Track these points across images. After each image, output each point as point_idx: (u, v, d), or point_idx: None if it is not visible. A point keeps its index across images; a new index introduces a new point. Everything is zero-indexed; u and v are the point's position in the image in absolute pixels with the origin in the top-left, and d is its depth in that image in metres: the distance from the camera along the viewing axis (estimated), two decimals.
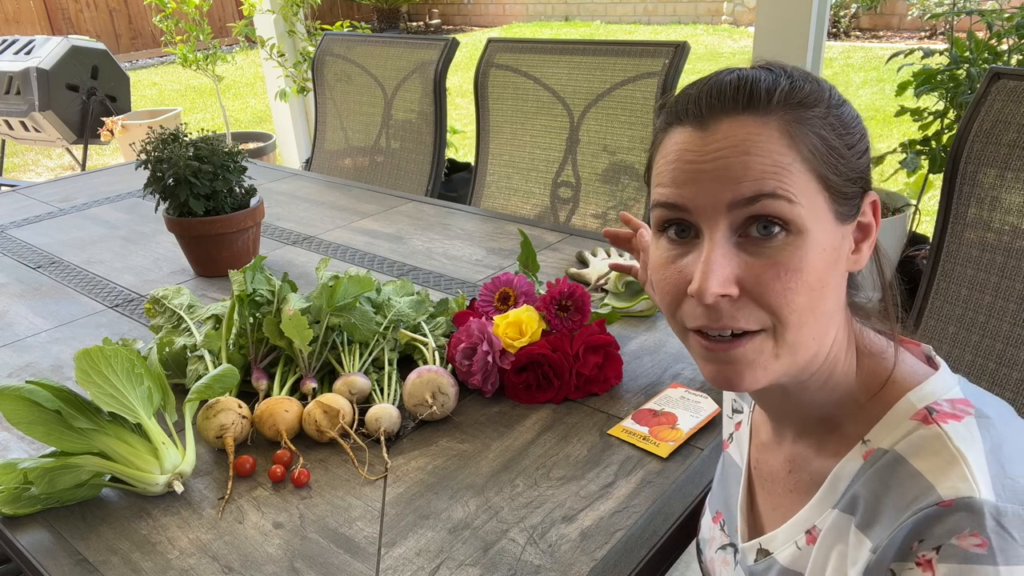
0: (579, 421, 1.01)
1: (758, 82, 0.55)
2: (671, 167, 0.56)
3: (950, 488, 0.49)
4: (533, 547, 0.80)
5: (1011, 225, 1.21)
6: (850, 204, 0.56)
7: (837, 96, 0.57)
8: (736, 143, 0.53)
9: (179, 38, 3.95)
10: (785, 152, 0.53)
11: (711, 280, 0.53)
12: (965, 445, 0.51)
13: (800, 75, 0.56)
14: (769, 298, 0.53)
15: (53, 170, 5.51)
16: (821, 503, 0.59)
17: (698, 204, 0.54)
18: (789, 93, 0.54)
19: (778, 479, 0.68)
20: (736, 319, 0.54)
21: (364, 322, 1.11)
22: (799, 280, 0.53)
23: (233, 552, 0.82)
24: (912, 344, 0.63)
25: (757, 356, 0.55)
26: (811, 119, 0.54)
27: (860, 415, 0.59)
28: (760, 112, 0.54)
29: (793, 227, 0.53)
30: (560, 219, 2.03)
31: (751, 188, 0.52)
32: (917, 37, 7.61)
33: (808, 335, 0.55)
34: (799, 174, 0.53)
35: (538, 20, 10.38)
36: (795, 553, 0.61)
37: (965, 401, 0.55)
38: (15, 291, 1.52)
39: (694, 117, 0.55)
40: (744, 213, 0.53)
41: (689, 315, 0.57)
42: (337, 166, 2.56)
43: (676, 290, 0.57)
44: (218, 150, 1.45)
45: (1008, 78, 1.22)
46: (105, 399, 0.88)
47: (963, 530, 0.47)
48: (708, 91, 0.56)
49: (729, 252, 0.54)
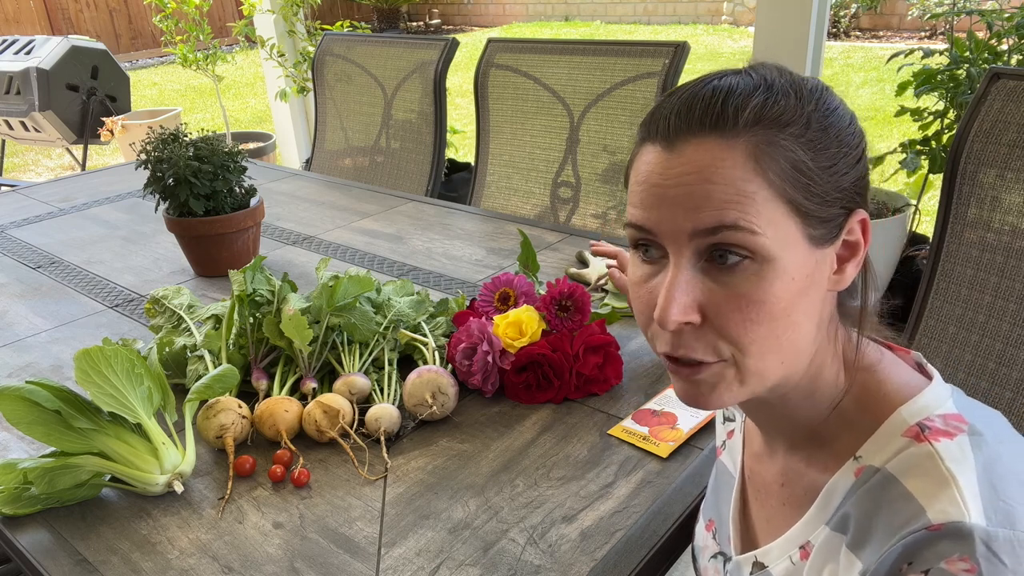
0: (579, 421, 1.01)
1: (729, 99, 0.52)
2: (640, 188, 0.55)
3: (940, 512, 0.48)
4: (533, 547, 0.80)
5: (1011, 225, 1.21)
6: (828, 226, 0.54)
7: (824, 106, 0.54)
8: (700, 168, 0.51)
9: (179, 38, 3.95)
10: (750, 179, 0.51)
11: (672, 308, 0.52)
12: (956, 465, 0.50)
13: (781, 87, 0.53)
14: (729, 329, 0.53)
15: (53, 170, 5.51)
16: (814, 519, 0.59)
17: (663, 229, 0.53)
18: (760, 112, 0.51)
19: (771, 491, 0.67)
20: (695, 350, 0.54)
21: (364, 322, 1.11)
22: (760, 311, 0.52)
23: (233, 552, 0.82)
24: (902, 351, 0.62)
25: (719, 381, 0.55)
26: (782, 140, 0.51)
27: (851, 429, 0.58)
28: (728, 135, 0.51)
29: (758, 256, 0.51)
30: (560, 219, 2.03)
31: (712, 219, 0.51)
32: (917, 37, 7.61)
33: (773, 362, 0.54)
34: (765, 202, 0.51)
35: (538, 20, 10.38)
36: (789, 568, 0.61)
37: (958, 416, 0.54)
38: (15, 291, 1.52)
39: (662, 136, 0.54)
40: (705, 242, 0.52)
41: (658, 337, 0.57)
42: (337, 166, 2.56)
43: (647, 309, 0.57)
44: (218, 150, 1.45)
45: (1008, 78, 1.22)
46: (105, 399, 0.88)
47: (952, 554, 0.46)
48: (679, 108, 0.54)
49: (693, 279, 0.53)
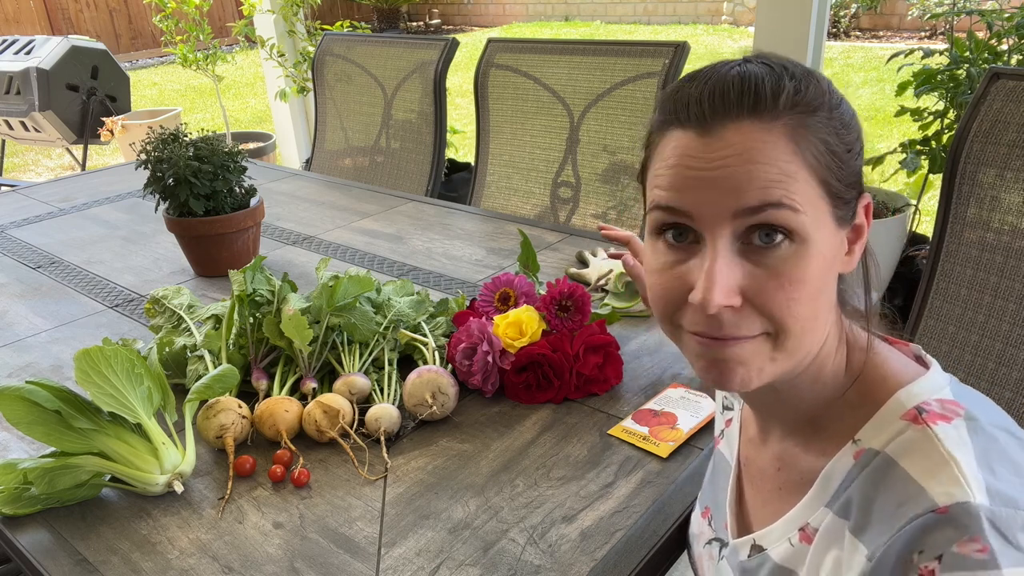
0: (579, 421, 1.01)
1: (762, 83, 0.53)
2: (672, 171, 0.54)
3: (944, 494, 0.48)
4: (533, 547, 0.80)
5: (1011, 225, 1.21)
6: (848, 208, 0.56)
7: (836, 94, 0.56)
8: (741, 151, 0.52)
9: (179, 38, 3.95)
10: (791, 159, 0.52)
11: (715, 291, 0.52)
12: (955, 447, 0.51)
13: (802, 74, 0.54)
14: (772, 308, 0.53)
15: (53, 170, 5.51)
16: (813, 501, 0.60)
17: (701, 211, 0.53)
18: (794, 96, 0.53)
19: (767, 476, 0.68)
20: (739, 328, 0.54)
21: (364, 322, 1.11)
22: (802, 290, 0.53)
23: (233, 552, 0.82)
24: (901, 344, 0.63)
25: (752, 357, 0.55)
26: (815, 123, 0.53)
27: (849, 413, 0.59)
28: (766, 118, 0.52)
29: (797, 236, 0.52)
30: (560, 219, 2.03)
31: (756, 198, 0.51)
32: (917, 37, 7.61)
33: (809, 341, 0.56)
34: (803, 181, 0.52)
35: (538, 20, 10.38)
36: (788, 550, 0.62)
37: (955, 402, 0.55)
38: (15, 291, 1.52)
39: (696, 120, 0.53)
40: (748, 221, 0.52)
41: (689, 320, 0.56)
42: (337, 166, 2.56)
43: (675, 296, 0.56)
44: (218, 150, 1.45)
45: (1008, 78, 1.22)
46: (105, 399, 0.88)
47: (962, 537, 0.46)
48: (711, 92, 0.53)
49: (732, 261, 0.53)
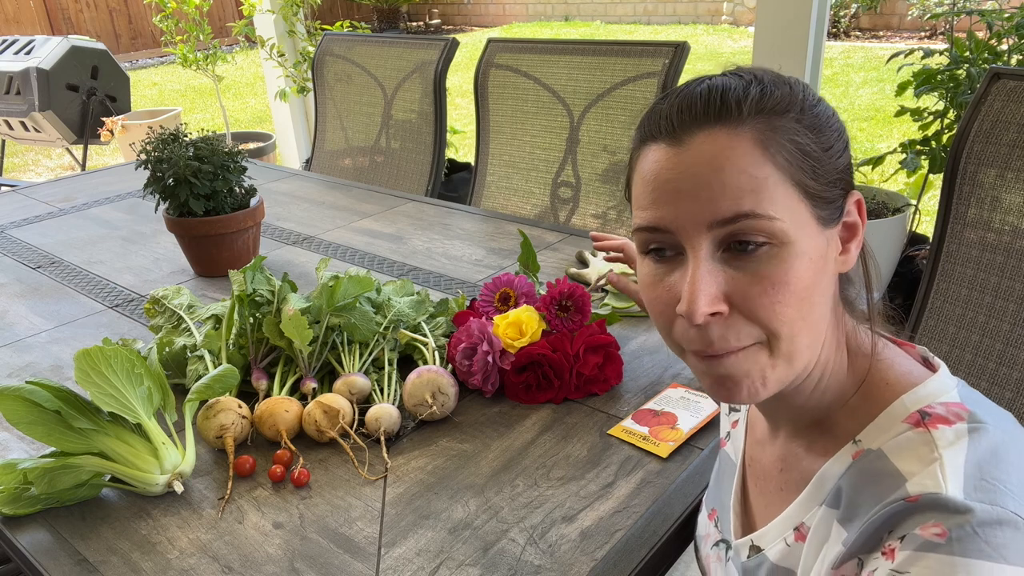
0: (579, 421, 1.01)
1: (728, 91, 0.54)
2: (649, 188, 0.56)
3: (918, 485, 0.50)
4: (533, 547, 0.80)
5: (1011, 225, 1.21)
6: (832, 207, 0.56)
7: (811, 96, 0.56)
8: (710, 158, 0.52)
9: (179, 38, 3.95)
10: (761, 164, 0.52)
11: (699, 300, 0.53)
12: (946, 448, 0.51)
13: (771, 79, 0.55)
14: (758, 313, 0.53)
15: (53, 170, 5.51)
16: (808, 501, 0.60)
17: (679, 224, 0.54)
18: (760, 100, 0.53)
19: (770, 477, 0.68)
20: (728, 340, 0.54)
21: (364, 322, 1.11)
22: (787, 292, 0.53)
23: (233, 552, 0.82)
24: (908, 346, 0.63)
25: (752, 365, 0.55)
26: (784, 125, 0.53)
27: (853, 416, 0.59)
28: (732, 123, 0.53)
29: (777, 240, 0.53)
30: (560, 219, 2.03)
31: (729, 208, 0.52)
32: (917, 37, 7.61)
33: (802, 343, 0.56)
34: (776, 186, 0.52)
35: (538, 20, 10.38)
36: (784, 550, 0.62)
37: (960, 405, 0.55)
38: (15, 291, 1.52)
39: (667, 133, 0.55)
40: (724, 231, 0.53)
41: (683, 336, 0.57)
42: (337, 166, 2.56)
43: (667, 308, 0.57)
44: (218, 150, 1.45)
45: (1008, 78, 1.22)
46: (105, 399, 0.88)
47: (927, 521, 0.48)
48: (679, 105, 0.55)
49: (714, 269, 0.53)
